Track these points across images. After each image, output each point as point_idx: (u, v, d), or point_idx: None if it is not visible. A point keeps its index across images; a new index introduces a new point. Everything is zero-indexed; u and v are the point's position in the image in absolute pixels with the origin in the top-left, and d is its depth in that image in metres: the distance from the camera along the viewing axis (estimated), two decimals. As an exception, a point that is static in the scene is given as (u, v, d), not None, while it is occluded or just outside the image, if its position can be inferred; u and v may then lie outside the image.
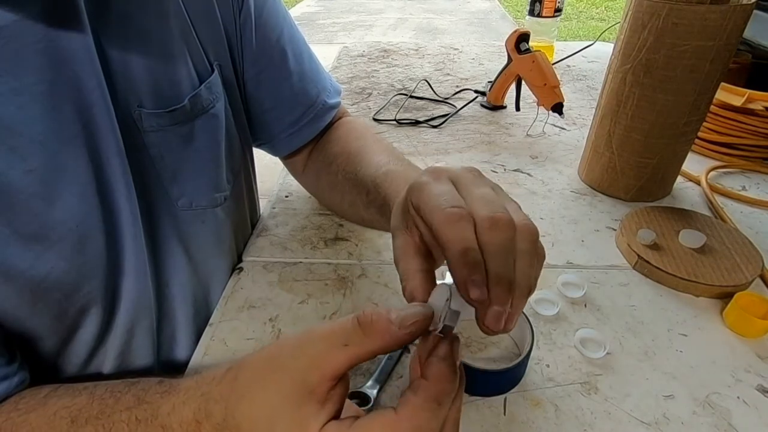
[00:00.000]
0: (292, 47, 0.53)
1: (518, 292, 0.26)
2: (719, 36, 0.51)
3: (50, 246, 0.35)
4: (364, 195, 0.46)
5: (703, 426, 0.37)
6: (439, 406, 0.24)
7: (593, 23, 5.63)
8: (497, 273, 0.25)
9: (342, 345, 0.25)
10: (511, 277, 0.26)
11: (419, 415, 0.24)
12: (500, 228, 0.26)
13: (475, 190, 0.28)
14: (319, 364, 0.25)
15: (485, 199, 0.27)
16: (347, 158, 0.52)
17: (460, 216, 0.26)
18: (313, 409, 0.24)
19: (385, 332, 0.24)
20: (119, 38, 0.37)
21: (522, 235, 0.27)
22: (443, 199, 0.27)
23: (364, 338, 0.24)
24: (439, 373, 0.25)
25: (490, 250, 0.25)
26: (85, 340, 0.41)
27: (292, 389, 0.25)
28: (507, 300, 0.25)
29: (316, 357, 0.25)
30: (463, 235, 0.25)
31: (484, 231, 0.26)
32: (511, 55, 0.82)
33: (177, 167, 0.43)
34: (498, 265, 0.25)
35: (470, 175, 0.30)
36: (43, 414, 0.32)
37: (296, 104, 0.54)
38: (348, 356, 0.24)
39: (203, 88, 0.43)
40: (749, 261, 0.50)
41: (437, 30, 5.46)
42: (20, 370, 0.36)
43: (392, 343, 0.25)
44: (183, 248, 0.47)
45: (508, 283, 0.25)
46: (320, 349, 0.25)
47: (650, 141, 0.59)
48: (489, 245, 0.25)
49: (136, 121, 0.39)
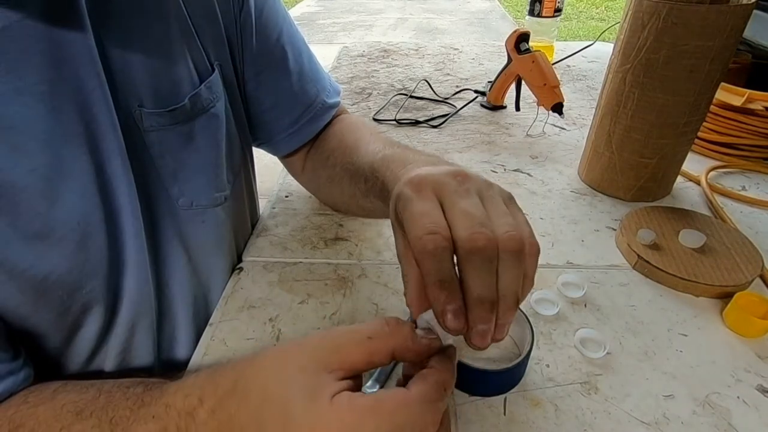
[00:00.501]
0: (291, 47, 0.53)
1: (503, 306, 0.26)
2: (719, 36, 0.51)
3: (53, 244, 0.35)
4: (362, 183, 0.46)
5: (703, 426, 0.37)
6: (444, 393, 0.26)
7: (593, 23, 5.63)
8: (477, 295, 0.25)
9: (366, 338, 0.26)
10: (493, 296, 0.26)
11: (429, 395, 0.25)
12: (478, 249, 0.26)
13: (457, 203, 0.28)
14: (340, 350, 0.26)
15: (465, 214, 0.27)
16: (344, 150, 0.52)
17: (436, 244, 0.26)
18: (328, 379, 0.25)
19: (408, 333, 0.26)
20: (120, 38, 0.37)
21: (505, 249, 0.26)
22: (422, 224, 0.27)
23: (388, 335, 0.26)
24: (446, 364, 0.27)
25: (468, 273, 0.26)
26: (87, 337, 0.41)
27: (311, 364, 0.26)
28: (489, 319, 0.26)
29: (340, 344, 0.26)
30: (437, 267, 0.26)
31: (462, 253, 0.26)
32: (511, 55, 0.82)
33: (177, 166, 0.43)
34: (477, 287, 0.25)
35: (454, 182, 0.29)
36: (51, 407, 0.32)
37: (295, 104, 0.54)
38: (369, 348, 0.26)
39: (203, 88, 0.43)
40: (749, 261, 0.50)
41: (437, 30, 5.46)
42: (25, 366, 0.36)
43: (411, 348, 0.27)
44: (183, 247, 0.47)
45: (490, 303, 0.26)
46: (345, 339, 0.27)
47: (650, 141, 0.59)
48: (467, 269, 0.26)
49: (136, 120, 0.40)
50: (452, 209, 0.27)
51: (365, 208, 0.50)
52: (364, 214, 0.55)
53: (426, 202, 0.28)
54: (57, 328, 0.38)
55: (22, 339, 0.37)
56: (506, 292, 0.26)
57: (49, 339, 0.39)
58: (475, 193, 0.29)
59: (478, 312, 0.25)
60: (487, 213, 0.27)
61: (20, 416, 0.32)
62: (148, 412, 0.30)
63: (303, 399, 0.24)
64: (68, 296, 0.37)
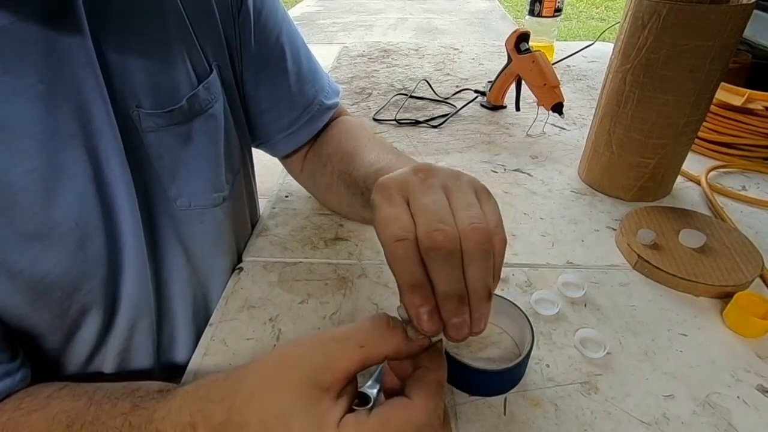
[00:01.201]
0: (290, 47, 0.53)
1: (474, 298, 0.26)
2: (719, 36, 0.51)
3: (51, 245, 0.35)
4: (360, 195, 0.46)
5: (703, 426, 0.37)
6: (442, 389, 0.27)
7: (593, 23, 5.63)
8: (443, 291, 0.25)
9: (358, 346, 0.26)
10: (460, 290, 0.26)
11: (431, 399, 0.26)
12: (437, 246, 0.25)
13: (419, 200, 0.27)
14: (333, 363, 0.26)
15: (425, 212, 0.27)
16: (341, 159, 0.52)
17: (404, 250, 0.26)
18: (329, 405, 0.25)
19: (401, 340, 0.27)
20: (117, 39, 0.37)
21: (469, 241, 0.26)
22: (389, 232, 0.27)
23: (379, 341, 0.26)
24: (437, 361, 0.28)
25: (432, 270, 0.26)
26: (86, 338, 0.41)
27: (306, 387, 0.26)
28: (461, 311, 0.26)
29: (331, 356, 0.26)
30: (407, 270, 0.26)
31: (423, 252, 0.26)
32: (511, 55, 0.82)
33: (175, 167, 0.43)
34: (442, 283, 0.25)
35: (416, 178, 0.29)
36: (44, 416, 0.32)
37: (294, 105, 0.54)
38: (362, 357, 0.26)
39: (201, 89, 0.43)
40: (749, 261, 0.50)
41: (437, 30, 5.46)
42: (22, 367, 0.36)
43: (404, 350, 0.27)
44: (182, 248, 0.47)
45: (457, 297, 0.26)
46: (336, 350, 0.26)
47: (650, 141, 0.59)
48: (431, 266, 0.26)
49: (134, 121, 0.40)
50: (415, 208, 0.27)
51: (366, 218, 0.50)
52: (363, 221, 0.55)
53: (392, 207, 0.28)
54: (56, 329, 0.38)
55: (20, 339, 0.37)
56: (475, 285, 0.26)
57: (48, 340, 0.39)
58: (440, 187, 0.28)
59: (448, 307, 0.26)
60: (450, 206, 0.27)
61: (13, 423, 0.32)
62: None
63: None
64: (67, 297, 0.37)
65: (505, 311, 0.44)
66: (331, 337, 0.27)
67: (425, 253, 0.26)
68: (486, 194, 0.29)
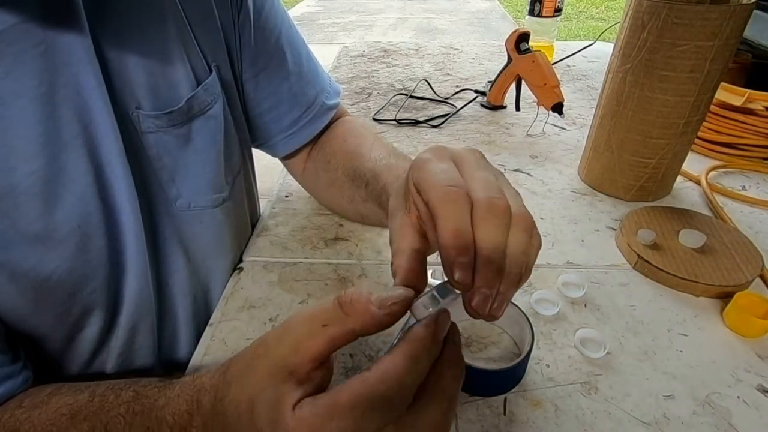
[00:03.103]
0: (290, 48, 0.53)
1: (507, 279, 0.25)
2: (719, 36, 0.51)
3: (54, 246, 0.35)
4: (363, 188, 0.46)
5: (703, 426, 0.37)
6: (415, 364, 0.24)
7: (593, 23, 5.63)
8: (488, 256, 0.24)
9: (321, 326, 0.25)
10: (501, 262, 0.25)
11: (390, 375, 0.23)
12: (495, 211, 0.25)
13: (476, 172, 0.27)
14: (299, 347, 0.25)
15: (485, 182, 0.27)
16: (345, 155, 0.52)
17: (457, 195, 0.25)
18: (290, 387, 0.25)
19: (365, 312, 0.24)
20: (117, 40, 0.37)
21: (517, 223, 0.26)
22: (442, 177, 0.26)
23: (344, 318, 0.25)
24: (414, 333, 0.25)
25: (482, 232, 0.25)
26: (88, 339, 0.41)
27: (273, 371, 0.25)
28: (495, 284, 0.25)
29: (298, 339, 0.25)
30: (456, 215, 0.25)
31: (479, 212, 0.25)
32: (511, 55, 0.82)
33: (175, 168, 0.43)
34: (489, 248, 0.25)
35: (473, 156, 0.29)
36: (46, 411, 0.32)
37: (295, 105, 0.54)
38: (328, 337, 0.25)
39: (201, 90, 0.43)
40: (749, 261, 0.50)
41: (437, 30, 5.46)
42: (24, 369, 0.36)
43: (371, 323, 0.24)
44: (182, 248, 0.47)
45: (498, 268, 0.25)
46: (301, 332, 0.25)
47: (650, 141, 0.59)
48: (482, 227, 0.25)
49: (134, 122, 0.40)
50: (471, 176, 0.27)
51: (362, 213, 0.50)
52: (360, 218, 0.55)
53: (446, 164, 0.28)
54: (58, 329, 0.38)
55: (22, 341, 0.37)
56: (512, 265, 0.25)
57: (50, 341, 0.39)
58: (491, 172, 0.28)
59: (485, 274, 0.24)
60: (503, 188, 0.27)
61: (14, 421, 0.32)
62: (141, 422, 0.30)
63: (268, 418, 0.24)
64: (68, 298, 0.37)
65: (505, 311, 0.44)
66: (297, 320, 0.26)
67: (482, 214, 0.25)
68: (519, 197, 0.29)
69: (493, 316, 0.26)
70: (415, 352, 0.24)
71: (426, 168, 0.27)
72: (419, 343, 0.25)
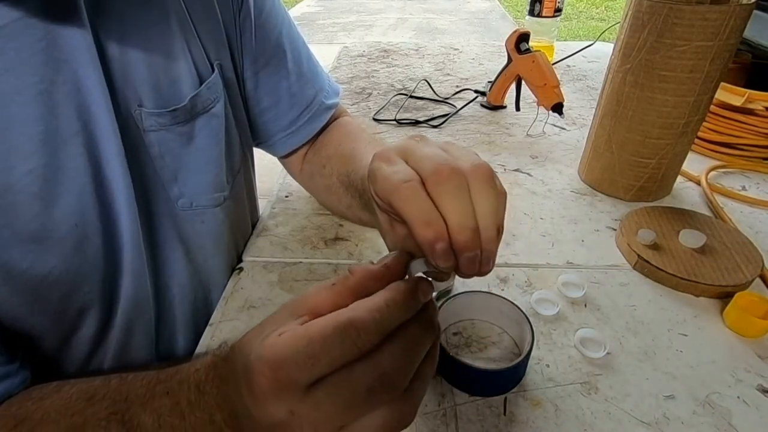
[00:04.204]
0: (290, 47, 0.53)
1: (485, 233, 0.26)
2: (719, 36, 0.51)
3: (50, 246, 0.35)
4: (358, 197, 0.46)
5: (703, 426, 0.37)
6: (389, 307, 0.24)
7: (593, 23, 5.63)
8: (458, 223, 0.25)
9: (330, 285, 0.26)
10: (474, 223, 0.25)
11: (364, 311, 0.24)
12: (445, 177, 0.25)
13: (417, 153, 0.28)
14: (305, 297, 0.26)
15: (427, 157, 0.27)
16: (339, 160, 0.52)
17: (412, 189, 0.26)
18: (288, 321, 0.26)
19: (365, 269, 0.26)
20: (119, 37, 0.37)
21: (474, 177, 0.26)
22: (394, 178, 0.27)
23: (349, 276, 0.26)
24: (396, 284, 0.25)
25: (443, 204, 0.25)
26: (84, 339, 0.41)
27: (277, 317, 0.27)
28: (475, 245, 0.25)
29: (307, 293, 0.27)
30: (418, 207, 0.25)
31: (431, 187, 0.26)
32: (511, 55, 0.82)
33: (177, 167, 0.43)
34: (456, 215, 0.25)
35: (413, 141, 0.29)
36: (59, 398, 0.32)
37: (294, 104, 0.54)
38: (332, 292, 0.26)
39: (204, 88, 0.43)
40: (749, 261, 0.50)
41: (437, 30, 5.46)
42: (22, 369, 0.36)
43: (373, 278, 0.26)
44: (182, 248, 0.47)
45: (471, 230, 0.25)
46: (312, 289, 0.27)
47: (650, 141, 0.59)
48: (441, 199, 0.25)
49: (136, 120, 0.40)
50: (415, 161, 0.28)
51: (364, 220, 0.50)
52: (363, 224, 0.55)
53: (392, 166, 0.28)
54: (54, 330, 0.38)
55: (19, 340, 0.37)
56: (485, 220, 0.26)
57: (46, 340, 0.38)
58: (435, 145, 0.29)
59: (462, 240, 0.25)
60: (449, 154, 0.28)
61: (24, 411, 0.32)
62: (163, 388, 0.30)
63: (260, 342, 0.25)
64: (65, 298, 0.37)
65: (505, 311, 0.44)
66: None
67: (435, 189, 0.25)
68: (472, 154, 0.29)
69: (483, 273, 0.26)
70: (392, 296, 0.25)
71: (378, 176, 0.28)
72: (397, 292, 0.25)
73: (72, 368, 0.42)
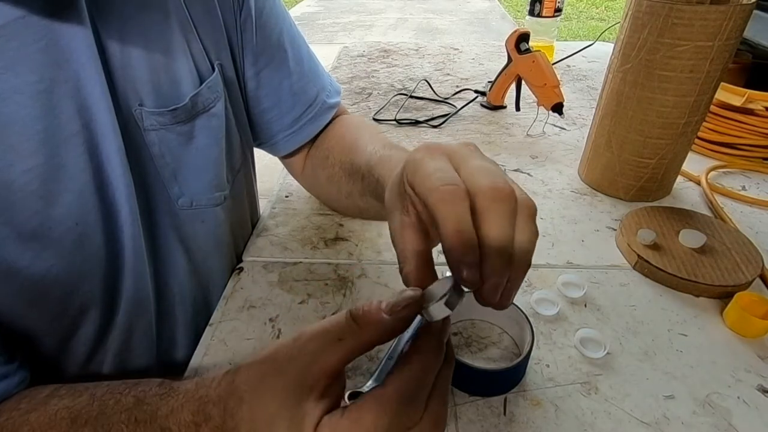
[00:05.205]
0: (291, 47, 0.53)
1: (516, 266, 0.25)
2: (719, 36, 0.51)
3: (49, 244, 0.35)
4: (360, 183, 0.46)
5: (703, 426, 0.37)
6: (428, 374, 0.25)
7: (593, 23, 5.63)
8: (497, 245, 0.24)
9: (337, 340, 0.25)
10: (510, 251, 0.25)
11: (407, 384, 0.25)
12: (502, 198, 0.25)
13: (472, 162, 0.27)
14: (315, 361, 0.25)
15: (485, 170, 0.26)
16: (342, 149, 0.52)
17: (455, 194, 0.25)
18: (311, 405, 0.25)
19: (378, 322, 0.25)
20: (120, 37, 0.37)
21: (522, 210, 0.26)
22: (438, 177, 0.26)
23: (359, 331, 0.25)
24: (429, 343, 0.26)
25: (488, 223, 0.25)
26: (84, 339, 0.41)
27: (290, 390, 0.25)
28: (505, 273, 0.25)
29: (313, 355, 0.25)
30: (457, 215, 0.24)
31: (483, 202, 0.25)
32: (511, 55, 0.82)
33: (177, 166, 0.43)
34: (498, 237, 0.24)
35: (466, 149, 0.28)
36: (44, 413, 0.32)
37: (296, 103, 0.54)
38: (344, 351, 0.25)
39: (205, 88, 0.43)
40: (749, 261, 0.50)
41: (437, 30, 5.46)
42: (20, 369, 0.36)
43: (386, 332, 0.25)
44: (182, 248, 0.47)
45: (508, 255, 0.24)
46: (316, 347, 0.25)
47: (650, 141, 0.59)
48: (488, 218, 0.25)
49: (136, 119, 0.40)
50: (467, 169, 0.27)
51: (360, 207, 0.50)
52: (359, 213, 0.55)
53: (439, 162, 0.27)
54: (54, 329, 0.38)
55: (18, 341, 0.37)
56: (521, 252, 0.25)
57: (46, 340, 0.38)
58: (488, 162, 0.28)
59: (494, 263, 0.24)
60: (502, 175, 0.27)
61: (11, 423, 0.32)
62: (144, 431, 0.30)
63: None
64: (65, 297, 0.37)
65: (505, 311, 0.44)
66: (309, 335, 0.26)
67: (486, 203, 0.25)
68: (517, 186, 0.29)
69: (503, 305, 0.26)
70: (429, 363, 0.25)
71: (420, 168, 0.27)
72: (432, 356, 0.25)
73: (73, 367, 0.42)
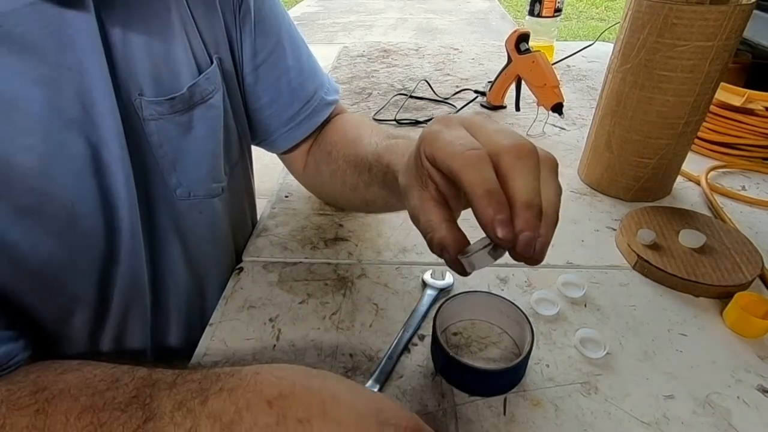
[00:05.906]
0: (290, 44, 0.54)
1: (546, 220, 0.26)
2: (719, 36, 0.51)
3: (41, 220, 0.35)
4: (366, 173, 0.46)
5: (703, 426, 0.37)
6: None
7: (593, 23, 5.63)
8: (526, 200, 0.25)
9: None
10: (539, 203, 0.25)
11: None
12: (525, 155, 0.26)
13: (488, 127, 0.28)
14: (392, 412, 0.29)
15: (503, 132, 0.27)
16: (346, 143, 0.52)
17: (480, 157, 0.26)
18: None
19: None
20: (123, 27, 0.38)
21: (545, 164, 0.27)
22: (459, 144, 0.27)
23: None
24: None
25: (517, 180, 0.25)
26: (81, 323, 0.41)
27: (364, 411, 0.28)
28: (537, 225, 0.25)
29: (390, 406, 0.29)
30: (484, 177, 0.25)
31: (508, 161, 0.26)
32: (511, 55, 0.82)
33: (176, 156, 0.44)
34: (527, 192, 0.25)
35: (480, 117, 0.30)
36: (81, 376, 0.32)
37: (294, 99, 0.54)
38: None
39: (202, 78, 0.44)
40: (749, 261, 0.50)
41: (437, 30, 5.46)
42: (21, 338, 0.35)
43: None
44: (179, 238, 0.48)
45: (538, 209, 0.25)
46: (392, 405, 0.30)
47: (650, 141, 0.59)
48: (515, 175, 0.26)
49: (136, 109, 0.40)
50: (486, 134, 0.28)
51: (366, 199, 0.50)
52: (365, 206, 0.55)
53: (457, 131, 0.28)
54: (49, 311, 0.39)
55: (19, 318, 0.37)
56: (549, 205, 0.26)
57: (45, 320, 0.39)
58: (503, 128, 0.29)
59: (526, 217, 0.25)
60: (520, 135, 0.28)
61: (44, 380, 0.32)
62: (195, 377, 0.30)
63: None
64: (59, 275, 0.38)
65: (505, 311, 0.44)
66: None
67: (511, 161, 0.26)
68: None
69: (537, 260, 0.26)
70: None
71: (439, 139, 0.28)
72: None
73: (71, 351, 0.42)
